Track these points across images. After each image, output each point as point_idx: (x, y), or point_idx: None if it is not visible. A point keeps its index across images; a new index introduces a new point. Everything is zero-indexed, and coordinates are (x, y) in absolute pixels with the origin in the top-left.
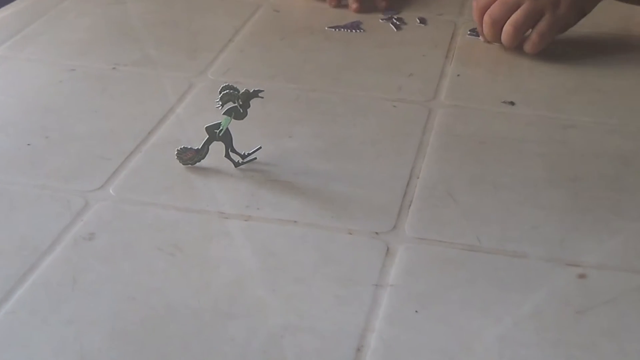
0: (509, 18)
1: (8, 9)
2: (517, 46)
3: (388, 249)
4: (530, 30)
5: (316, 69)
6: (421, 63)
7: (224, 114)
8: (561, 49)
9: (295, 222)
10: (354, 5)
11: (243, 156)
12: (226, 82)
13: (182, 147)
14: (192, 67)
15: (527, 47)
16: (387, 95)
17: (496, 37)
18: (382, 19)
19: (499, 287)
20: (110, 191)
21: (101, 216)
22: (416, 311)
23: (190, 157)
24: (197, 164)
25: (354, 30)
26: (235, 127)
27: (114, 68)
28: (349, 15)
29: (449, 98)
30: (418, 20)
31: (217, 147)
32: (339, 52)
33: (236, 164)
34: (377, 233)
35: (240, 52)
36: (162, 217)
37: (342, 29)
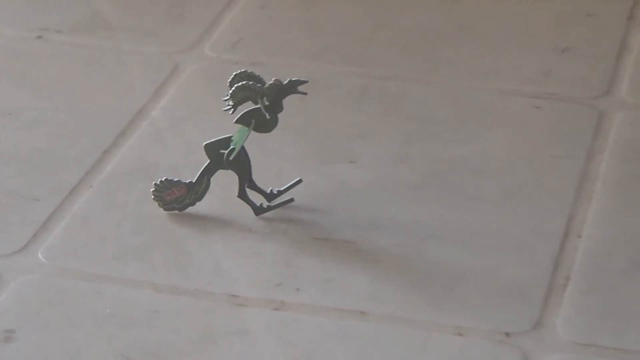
0: None
1: None
2: None
3: None
4: None
5: (396, 38)
6: (584, 28)
7: (236, 121)
8: None
9: (362, 313)
10: None
11: (270, 195)
12: (239, 67)
13: (163, 179)
14: (176, 36)
15: None
16: (524, 87)
17: None
18: None
19: None
20: (39, 256)
21: (24, 300)
22: None
23: (177, 197)
24: (190, 208)
25: None
26: (256, 144)
27: (39, 37)
28: None
29: (635, 93)
30: None
31: (226, 180)
32: (436, 7)
33: (258, 210)
34: (507, 334)
35: (261, 9)
36: (128, 302)
37: None
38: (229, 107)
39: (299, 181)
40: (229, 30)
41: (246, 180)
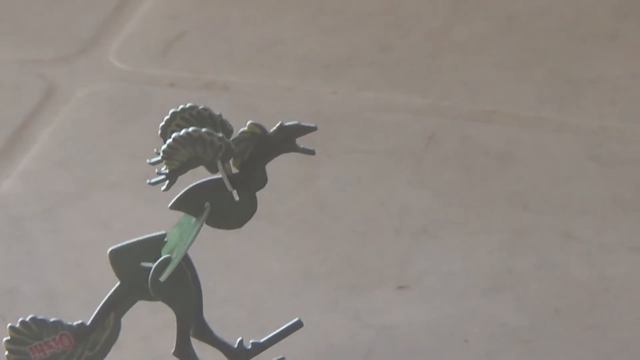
0: None
1: None
2: None
3: None
4: None
5: (488, 37)
6: None
7: (173, 205)
8: None
9: None
10: None
11: (240, 353)
12: (180, 95)
13: (27, 319)
14: (53, 29)
15: None
16: None
17: None
18: None
19: None
20: None
21: None
22: None
23: (55, 353)
24: None
25: None
26: (213, 250)
27: None
28: None
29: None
30: None
31: (154, 321)
32: None
33: None
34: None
35: None
36: None
37: None
38: (162, 176)
39: (298, 324)
40: (158, 15)
41: (191, 323)
